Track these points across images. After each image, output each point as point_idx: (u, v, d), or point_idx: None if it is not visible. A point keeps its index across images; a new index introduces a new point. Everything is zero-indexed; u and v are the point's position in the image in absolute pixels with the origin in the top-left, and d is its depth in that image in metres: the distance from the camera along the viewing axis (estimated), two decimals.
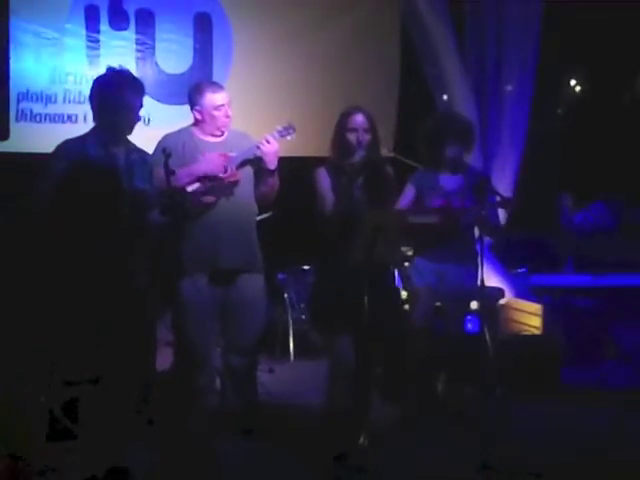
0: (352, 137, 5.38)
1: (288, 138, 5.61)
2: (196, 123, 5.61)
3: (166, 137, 5.58)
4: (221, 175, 5.43)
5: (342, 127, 5.42)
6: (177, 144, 5.44)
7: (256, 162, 5.55)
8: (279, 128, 5.60)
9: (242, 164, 5.53)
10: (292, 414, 6.20)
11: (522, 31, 8.31)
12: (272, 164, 5.51)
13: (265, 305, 5.74)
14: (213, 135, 5.59)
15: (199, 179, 5.42)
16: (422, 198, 5.92)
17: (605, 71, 9.25)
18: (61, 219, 4.78)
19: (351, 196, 5.24)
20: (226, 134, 5.62)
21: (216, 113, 5.53)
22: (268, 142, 5.46)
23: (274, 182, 5.63)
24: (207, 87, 5.59)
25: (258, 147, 5.47)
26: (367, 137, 5.39)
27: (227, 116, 5.57)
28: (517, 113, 8.40)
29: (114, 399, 4.72)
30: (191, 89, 5.65)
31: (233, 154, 5.50)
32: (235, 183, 5.51)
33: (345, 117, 5.43)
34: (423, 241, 5.89)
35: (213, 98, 5.53)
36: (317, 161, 5.50)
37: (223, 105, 5.54)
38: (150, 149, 5.37)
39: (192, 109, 5.60)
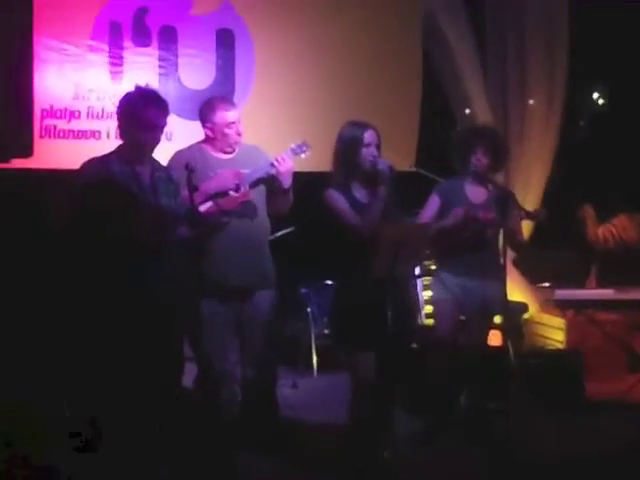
0: (368, 152, 5.27)
1: (302, 156, 5.58)
2: (207, 140, 5.57)
3: (178, 154, 5.55)
4: (233, 194, 5.41)
5: (358, 143, 5.20)
6: (188, 160, 5.37)
7: (270, 181, 5.52)
8: (293, 146, 5.56)
9: (255, 183, 5.50)
10: (315, 429, 6.20)
11: (544, 44, 8.31)
12: (287, 183, 5.47)
13: (276, 319, 5.73)
14: (224, 152, 5.56)
15: (211, 197, 5.39)
16: (447, 209, 5.90)
17: (629, 83, 9.22)
18: (87, 237, 4.77)
19: (374, 210, 5.20)
20: (237, 150, 5.59)
21: (228, 131, 5.49)
22: (283, 160, 5.45)
23: (288, 199, 5.61)
24: (219, 104, 5.54)
25: (273, 165, 5.43)
26: (378, 151, 5.33)
27: (239, 134, 5.53)
28: (540, 127, 8.40)
29: (138, 414, 4.72)
30: (202, 106, 5.61)
31: (246, 171, 5.49)
32: (247, 202, 5.49)
33: (358, 135, 5.25)
34: (448, 254, 5.88)
35: (225, 116, 5.49)
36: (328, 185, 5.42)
37: (234, 123, 5.50)
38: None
39: (203, 126, 5.57)
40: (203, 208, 5.31)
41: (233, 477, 5.18)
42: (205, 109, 5.57)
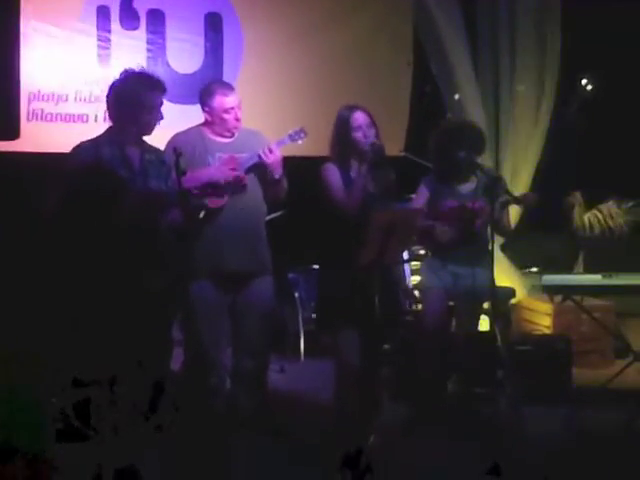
0: (359, 135, 5.35)
1: (299, 142, 5.61)
2: (206, 123, 5.60)
3: (176, 136, 5.56)
4: (228, 181, 5.42)
5: (346, 127, 5.36)
6: (187, 144, 5.40)
7: (262, 167, 5.53)
8: (290, 132, 5.59)
9: (248, 170, 5.52)
10: (302, 413, 6.20)
11: (535, 30, 8.29)
12: (276, 173, 5.50)
13: (274, 307, 5.73)
14: (223, 136, 5.58)
15: (205, 185, 5.39)
16: (435, 201, 5.88)
17: (619, 70, 9.21)
18: (76, 220, 4.75)
19: (365, 191, 5.24)
20: (236, 134, 5.60)
21: (226, 116, 5.51)
22: (270, 151, 5.45)
23: (282, 187, 5.63)
24: (217, 89, 5.57)
25: (259, 156, 5.45)
26: (372, 131, 5.38)
27: (237, 119, 5.54)
28: (529, 114, 8.39)
29: (127, 400, 4.71)
30: (202, 90, 5.64)
31: (242, 155, 5.49)
32: (243, 187, 5.49)
33: (346, 117, 5.38)
34: (437, 241, 5.87)
35: (223, 101, 5.51)
36: (327, 161, 5.49)
37: (233, 108, 5.52)
38: (160, 149, 5.35)
39: (202, 109, 5.59)
40: (196, 192, 5.32)
41: (221, 462, 5.18)
42: (204, 93, 5.59)
